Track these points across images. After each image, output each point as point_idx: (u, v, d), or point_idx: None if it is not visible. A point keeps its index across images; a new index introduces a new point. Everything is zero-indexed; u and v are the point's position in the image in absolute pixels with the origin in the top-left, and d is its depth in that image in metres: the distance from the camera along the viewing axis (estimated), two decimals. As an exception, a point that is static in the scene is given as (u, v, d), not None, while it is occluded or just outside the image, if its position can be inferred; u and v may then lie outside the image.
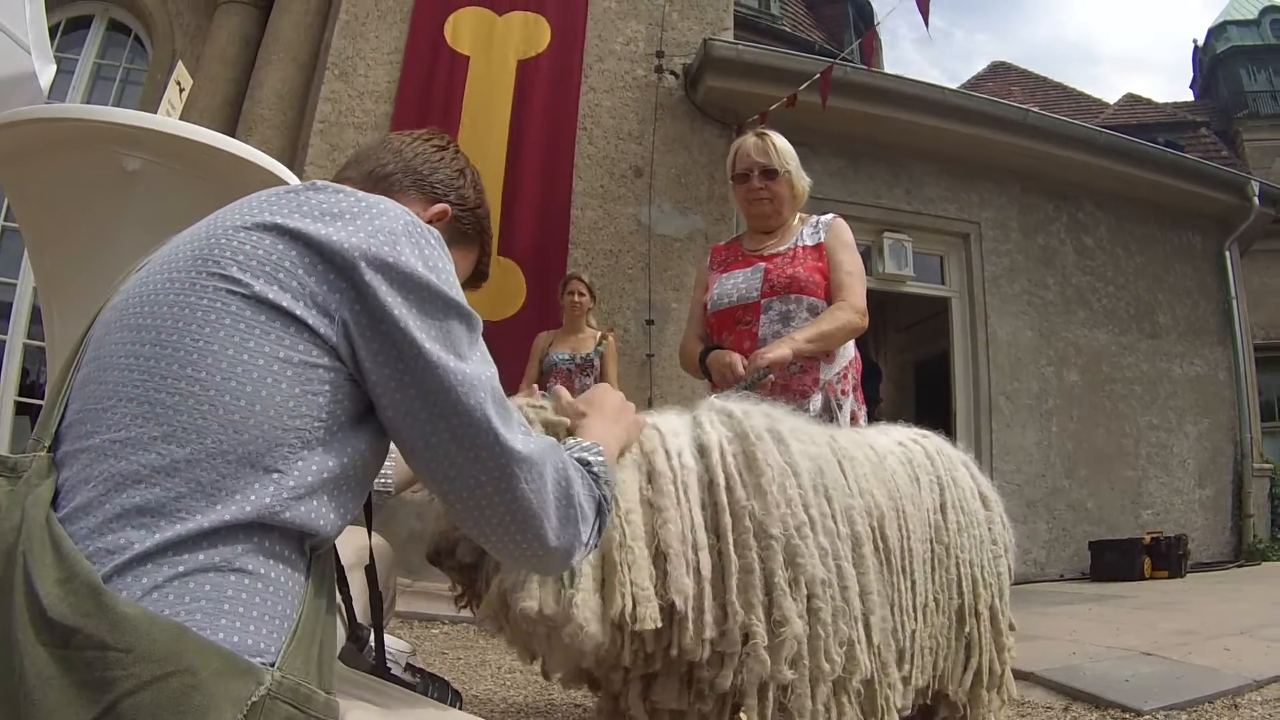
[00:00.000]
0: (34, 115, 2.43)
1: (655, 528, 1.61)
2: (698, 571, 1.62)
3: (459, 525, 1.25)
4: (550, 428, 1.64)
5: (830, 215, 3.09)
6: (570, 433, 1.57)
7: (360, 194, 1.13)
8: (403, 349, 1.03)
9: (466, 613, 1.75)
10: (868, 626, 1.78)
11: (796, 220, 3.08)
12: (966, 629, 2.11)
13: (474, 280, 1.55)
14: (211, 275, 1.01)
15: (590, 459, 1.30)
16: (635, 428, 1.68)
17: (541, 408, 1.69)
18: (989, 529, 2.23)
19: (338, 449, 1.03)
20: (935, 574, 2.04)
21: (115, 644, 0.82)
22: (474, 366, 1.08)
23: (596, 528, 1.23)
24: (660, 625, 1.56)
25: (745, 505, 1.68)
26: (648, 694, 1.72)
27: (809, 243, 2.97)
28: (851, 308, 2.80)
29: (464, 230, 1.46)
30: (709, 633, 1.61)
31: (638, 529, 1.59)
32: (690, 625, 1.59)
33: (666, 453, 1.70)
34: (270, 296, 1.00)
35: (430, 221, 1.34)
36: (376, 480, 1.63)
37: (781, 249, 2.99)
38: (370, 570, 1.47)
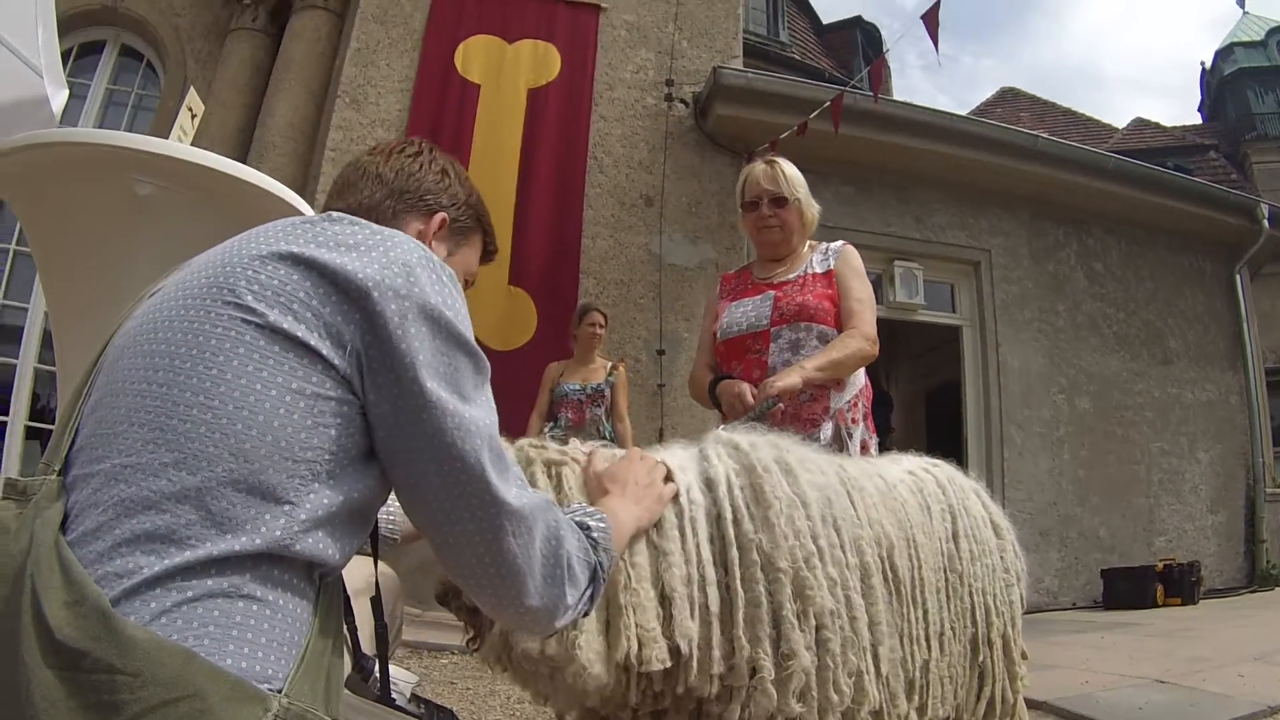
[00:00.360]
0: (46, 139, 2.44)
1: (660, 571, 1.59)
2: (705, 609, 1.60)
3: (444, 570, 1.24)
4: (551, 467, 1.63)
5: (840, 243, 3.07)
6: (591, 500, 1.56)
7: (375, 226, 1.14)
8: (405, 383, 1.03)
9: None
10: (876, 657, 1.75)
11: (806, 248, 3.07)
12: (980, 658, 2.09)
13: (485, 259, 1.56)
14: (227, 304, 1.02)
15: (591, 524, 1.29)
16: (659, 505, 1.62)
17: (542, 448, 1.67)
18: (1001, 557, 2.21)
19: (348, 483, 1.03)
20: (949, 603, 2.02)
21: (123, 668, 0.82)
22: (474, 411, 1.07)
23: (588, 594, 1.22)
24: (668, 665, 1.55)
25: (753, 538, 1.66)
26: (657, 731, 1.70)
27: (819, 270, 2.96)
28: (862, 335, 2.78)
29: (464, 226, 1.46)
30: (717, 668, 1.59)
31: (643, 571, 1.57)
32: (696, 663, 1.57)
33: (674, 492, 1.69)
34: (285, 327, 1.00)
35: (434, 233, 1.35)
36: (384, 527, 1.63)
37: (791, 277, 2.98)
38: (375, 600, 1.46)
